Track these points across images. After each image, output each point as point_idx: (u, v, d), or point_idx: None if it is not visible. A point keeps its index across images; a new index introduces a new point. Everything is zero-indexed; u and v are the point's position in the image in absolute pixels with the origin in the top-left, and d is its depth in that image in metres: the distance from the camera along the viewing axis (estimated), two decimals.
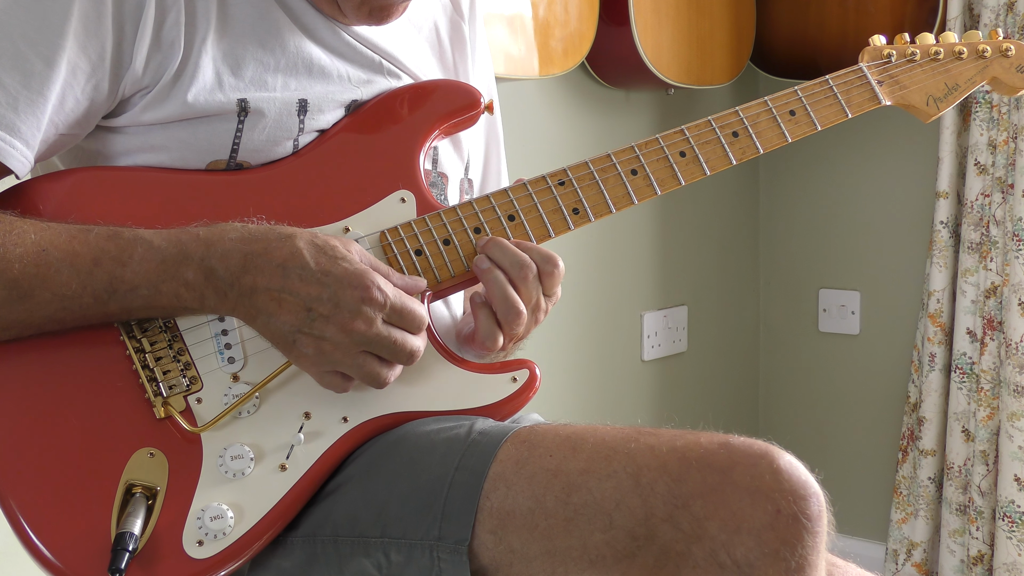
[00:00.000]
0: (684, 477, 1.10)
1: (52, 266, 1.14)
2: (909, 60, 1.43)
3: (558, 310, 1.34)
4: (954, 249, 2.90)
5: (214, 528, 1.16)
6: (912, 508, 2.99)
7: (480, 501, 1.14)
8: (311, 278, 1.14)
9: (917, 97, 1.43)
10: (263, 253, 1.15)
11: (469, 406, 1.23)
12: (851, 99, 1.39)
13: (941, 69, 1.44)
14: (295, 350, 1.16)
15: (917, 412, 2.97)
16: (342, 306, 1.14)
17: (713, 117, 1.34)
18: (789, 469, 1.10)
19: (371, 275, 1.16)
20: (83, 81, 1.20)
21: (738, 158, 1.33)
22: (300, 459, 1.19)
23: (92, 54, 1.19)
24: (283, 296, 1.14)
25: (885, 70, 1.42)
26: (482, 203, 1.27)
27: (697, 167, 1.32)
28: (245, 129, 1.24)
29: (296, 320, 1.14)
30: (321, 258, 1.15)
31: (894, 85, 1.42)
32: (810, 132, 1.36)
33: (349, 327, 1.14)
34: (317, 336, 1.14)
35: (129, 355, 1.19)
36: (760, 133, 1.34)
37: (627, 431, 1.16)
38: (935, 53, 1.44)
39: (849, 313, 3.22)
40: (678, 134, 1.32)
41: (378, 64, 1.33)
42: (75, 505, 1.15)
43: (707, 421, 1.58)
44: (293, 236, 1.16)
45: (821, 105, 1.37)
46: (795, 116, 1.36)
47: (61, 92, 1.19)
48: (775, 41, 3.00)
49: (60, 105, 1.19)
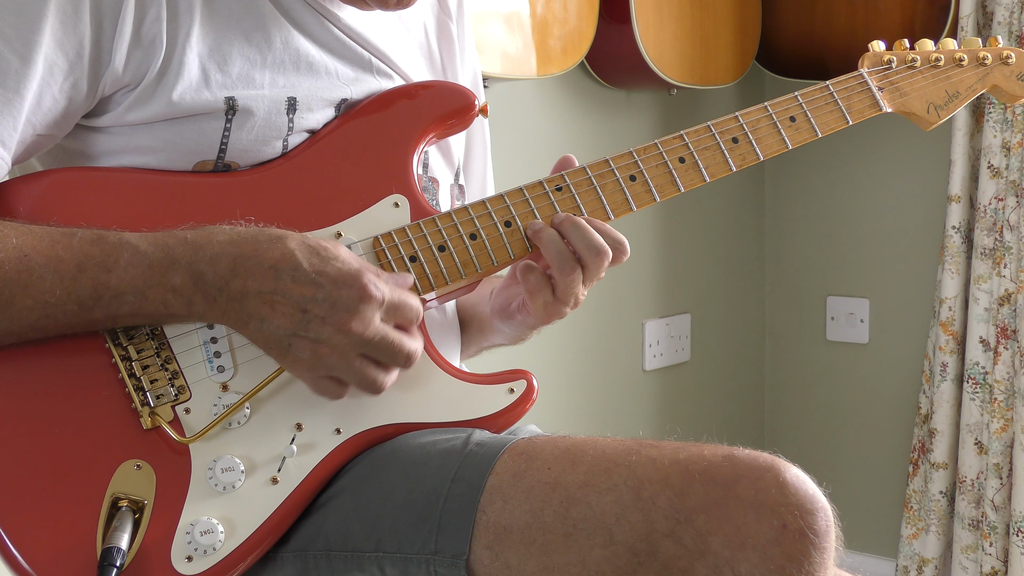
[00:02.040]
0: (687, 491, 1.10)
1: (34, 272, 1.14)
2: (909, 67, 1.44)
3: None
4: (966, 255, 2.91)
5: (204, 543, 1.16)
6: (923, 523, 2.99)
7: (476, 515, 1.14)
8: (305, 279, 1.14)
9: (918, 104, 1.44)
10: (253, 256, 1.15)
11: (465, 417, 1.24)
12: (852, 105, 1.40)
13: (942, 76, 1.46)
14: (290, 355, 1.16)
15: (928, 424, 2.98)
16: (338, 306, 1.14)
17: (712, 123, 1.35)
18: (795, 483, 1.10)
19: (365, 273, 1.16)
20: (61, 79, 1.20)
21: (738, 165, 1.34)
22: (292, 472, 1.20)
23: (70, 51, 1.19)
24: (276, 299, 1.14)
25: (885, 76, 1.43)
26: (478, 208, 1.28)
27: (696, 174, 1.33)
28: (233, 128, 1.24)
29: (290, 323, 1.14)
30: (314, 259, 1.15)
31: (895, 92, 1.43)
32: (810, 139, 1.38)
33: (346, 327, 1.14)
34: (313, 339, 1.14)
35: (115, 363, 1.19)
36: (760, 139, 1.36)
37: (628, 443, 1.17)
38: (935, 60, 1.45)
39: (858, 321, 3.23)
40: (677, 139, 1.33)
41: (367, 61, 1.33)
42: (59, 519, 1.15)
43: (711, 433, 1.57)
44: (284, 238, 1.16)
45: (822, 111, 1.39)
46: (795, 122, 1.37)
47: (38, 91, 1.19)
48: (781, 40, 3.00)
49: (37, 104, 1.19)
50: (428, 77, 1.43)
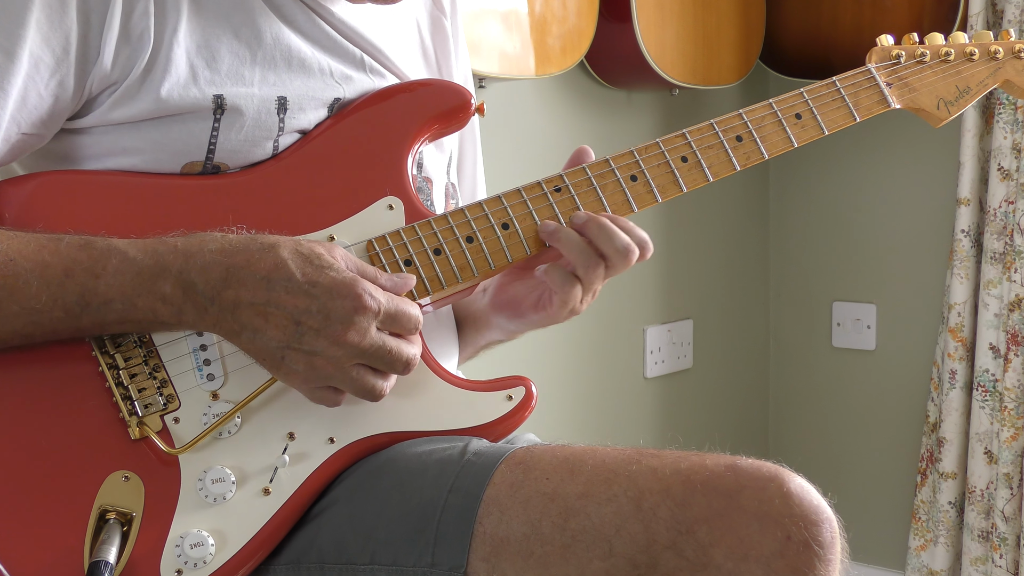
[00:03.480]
0: (688, 501, 1.10)
1: (20, 277, 1.14)
2: (919, 61, 1.43)
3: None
4: (976, 259, 2.91)
5: (194, 556, 1.16)
6: (931, 534, 2.99)
7: (474, 527, 1.14)
8: (298, 289, 1.14)
9: (927, 100, 1.44)
10: (246, 265, 1.15)
11: (462, 426, 1.24)
12: (859, 102, 1.40)
13: (952, 71, 1.45)
14: (284, 367, 1.16)
15: (937, 432, 2.98)
16: (333, 317, 1.14)
17: (716, 120, 1.35)
18: (800, 493, 1.10)
19: (361, 283, 1.16)
20: (47, 76, 1.20)
21: (742, 164, 1.34)
22: (285, 482, 1.20)
23: (56, 47, 1.19)
24: (269, 310, 1.14)
25: (894, 71, 1.42)
26: (475, 211, 1.28)
27: (699, 173, 1.33)
28: (222, 128, 1.24)
29: (284, 335, 1.14)
30: (307, 268, 1.15)
31: (903, 87, 1.43)
32: (817, 136, 1.37)
33: (342, 339, 1.14)
34: (308, 351, 1.15)
35: (102, 371, 1.19)
36: (765, 137, 1.35)
37: (628, 453, 1.17)
38: (945, 54, 1.45)
39: (864, 327, 3.23)
40: (679, 138, 1.33)
41: (360, 59, 1.33)
42: (45, 532, 1.15)
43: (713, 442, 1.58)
44: (276, 246, 1.16)
45: (828, 108, 1.38)
46: (801, 120, 1.37)
47: (23, 87, 1.19)
48: (786, 38, 3.01)
49: (22, 101, 1.19)
50: (423, 74, 1.44)
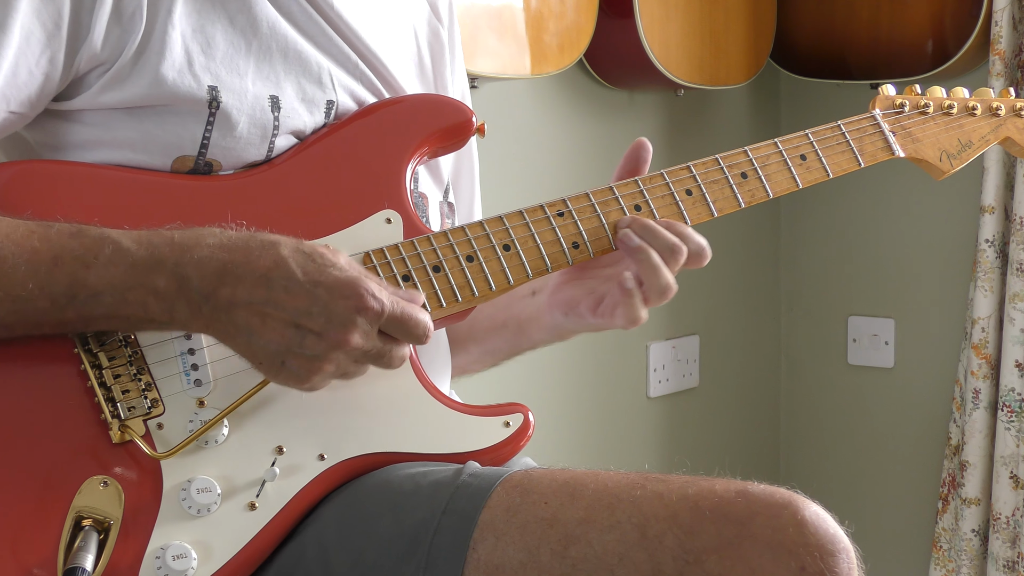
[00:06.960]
0: (697, 529, 1.11)
1: (6, 261, 1.14)
2: (921, 112, 1.49)
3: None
4: (1001, 271, 2.92)
5: (176, 568, 1.16)
6: (954, 564, 3.00)
7: (467, 552, 1.15)
8: (298, 289, 1.15)
9: (931, 151, 1.49)
10: (244, 263, 1.15)
11: (456, 450, 1.24)
12: (864, 148, 1.45)
13: (954, 124, 1.51)
14: (284, 371, 1.16)
15: (959, 456, 2.98)
16: (334, 320, 1.14)
17: (720, 156, 1.39)
18: (815, 521, 1.11)
19: (364, 282, 1.16)
20: (38, 51, 1.21)
21: (747, 201, 1.39)
22: (272, 498, 1.20)
23: (47, 20, 1.20)
24: (267, 310, 1.15)
25: (897, 120, 1.48)
26: (475, 229, 1.29)
27: (704, 207, 1.38)
28: (216, 124, 1.25)
29: (284, 340, 1.15)
30: (309, 266, 1.16)
31: (907, 137, 1.48)
32: (822, 179, 1.43)
33: (345, 343, 1.15)
34: (309, 356, 1.15)
35: (84, 370, 1.20)
36: (770, 176, 1.40)
37: (632, 477, 1.18)
38: (948, 107, 1.50)
39: (882, 343, 3.24)
40: (684, 170, 1.37)
41: (354, 64, 1.35)
42: (18, 537, 1.16)
43: (722, 466, 1.58)
44: (277, 244, 1.17)
45: (833, 151, 1.44)
46: (806, 161, 1.42)
47: (14, 61, 1.20)
48: (799, 35, 3.02)
49: (13, 76, 1.20)
50: (418, 86, 1.45)
